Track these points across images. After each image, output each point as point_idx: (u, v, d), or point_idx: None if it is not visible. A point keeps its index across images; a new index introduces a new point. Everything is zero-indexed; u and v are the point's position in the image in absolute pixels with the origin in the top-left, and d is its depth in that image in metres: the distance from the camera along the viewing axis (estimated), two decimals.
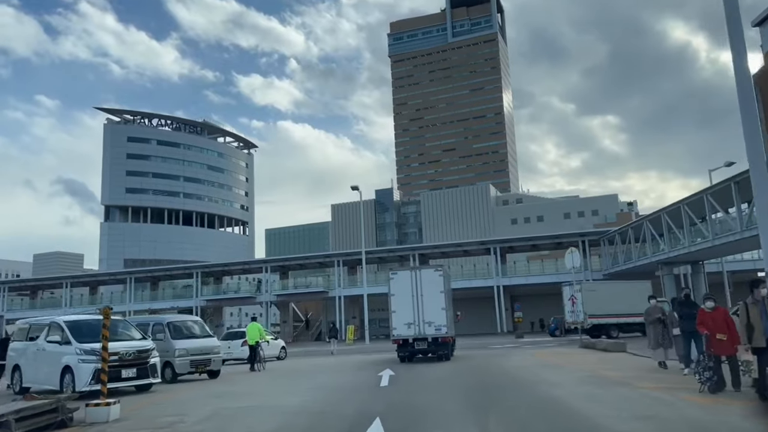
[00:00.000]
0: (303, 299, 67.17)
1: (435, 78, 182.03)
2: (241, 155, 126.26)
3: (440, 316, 19.64)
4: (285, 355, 29.46)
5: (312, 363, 24.27)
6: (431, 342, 19.72)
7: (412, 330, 19.65)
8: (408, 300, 19.55)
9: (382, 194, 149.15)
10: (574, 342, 31.45)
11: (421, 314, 19.58)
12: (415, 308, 19.55)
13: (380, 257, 63.97)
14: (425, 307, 19.49)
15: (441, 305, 19.56)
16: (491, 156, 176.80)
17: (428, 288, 19.52)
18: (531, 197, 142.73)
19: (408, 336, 19.78)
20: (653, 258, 45.09)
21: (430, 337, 19.62)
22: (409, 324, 19.63)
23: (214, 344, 18.06)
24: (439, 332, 19.59)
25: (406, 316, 19.60)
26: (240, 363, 25.68)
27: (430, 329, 19.51)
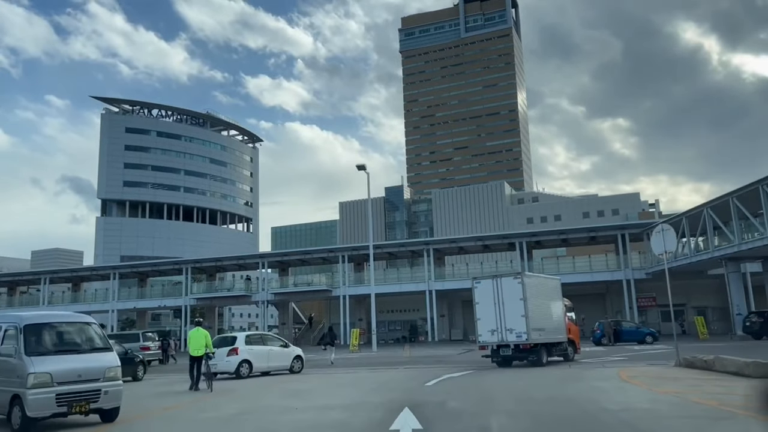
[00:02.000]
0: (304, 298, 59.63)
1: (447, 74, 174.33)
2: (246, 149, 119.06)
3: (520, 323, 19.10)
4: (301, 367, 21.48)
5: (290, 387, 16.61)
6: (514, 348, 19.38)
7: (495, 337, 19.59)
8: (490, 307, 19.60)
9: (392, 192, 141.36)
10: (642, 355, 23.81)
11: (503, 321, 19.38)
12: (497, 316, 19.47)
13: (389, 252, 56.31)
14: (506, 315, 19.32)
15: (521, 312, 19.09)
16: (504, 155, 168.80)
17: (508, 295, 19.35)
18: (547, 196, 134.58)
19: (492, 342, 19.80)
20: (718, 252, 37.11)
21: (512, 343, 19.31)
22: (492, 331, 19.62)
23: (107, 364, 10.35)
24: (520, 339, 19.16)
25: (489, 323, 19.61)
26: (228, 377, 19.52)
27: (511, 336, 19.26)
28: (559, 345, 21.04)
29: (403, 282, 53.60)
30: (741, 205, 34.26)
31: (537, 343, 19.36)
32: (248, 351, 19.81)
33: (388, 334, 57.79)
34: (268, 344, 20.93)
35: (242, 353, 19.57)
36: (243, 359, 19.47)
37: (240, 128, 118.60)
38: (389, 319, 58.60)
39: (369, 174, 39.77)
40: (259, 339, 21.12)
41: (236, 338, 20.41)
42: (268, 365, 20.38)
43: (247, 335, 20.80)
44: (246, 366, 19.55)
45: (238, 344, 19.81)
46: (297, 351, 21.84)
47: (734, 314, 36.72)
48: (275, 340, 22.06)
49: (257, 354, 20.04)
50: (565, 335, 21.31)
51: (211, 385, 15.76)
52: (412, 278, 54.00)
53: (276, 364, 20.74)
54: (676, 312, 54.67)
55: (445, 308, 55.34)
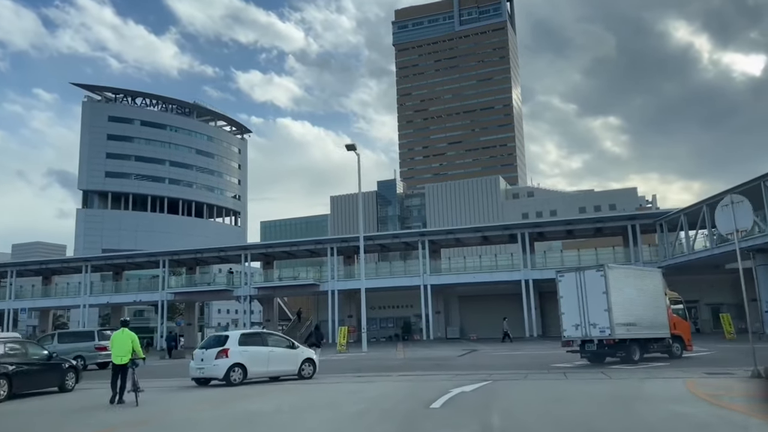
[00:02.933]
0: (290, 293, 55.42)
1: (441, 68, 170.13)
2: (234, 140, 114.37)
3: (603, 318, 18.23)
4: (312, 371, 17.80)
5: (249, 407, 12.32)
6: (598, 344, 18.59)
7: (579, 332, 18.85)
8: (574, 302, 18.94)
9: (385, 186, 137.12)
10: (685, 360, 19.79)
11: (587, 316, 18.64)
12: (581, 310, 18.76)
13: (381, 244, 52.07)
14: (590, 309, 18.57)
15: (603, 306, 18.26)
16: (499, 149, 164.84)
17: (591, 289, 18.62)
18: (542, 191, 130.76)
19: (576, 337, 19.08)
20: (745, 243, 33.11)
21: (595, 339, 18.54)
22: (576, 326, 18.91)
23: None
24: (603, 334, 18.30)
25: (573, 317, 18.97)
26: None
27: (595, 331, 18.47)
28: (660, 341, 19.82)
29: (396, 276, 49.46)
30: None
31: (626, 338, 18.37)
32: (242, 353, 16.26)
33: (379, 332, 53.61)
34: (269, 345, 17.32)
35: (234, 355, 16.06)
36: (235, 363, 15.98)
37: (228, 119, 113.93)
38: (381, 316, 54.42)
39: (359, 155, 35.54)
40: (257, 339, 17.61)
41: (228, 338, 16.91)
42: (268, 370, 16.89)
43: (242, 334, 17.34)
44: (238, 371, 16.04)
45: (230, 344, 16.32)
46: (307, 353, 18.14)
47: (763, 311, 32.75)
48: (279, 340, 18.29)
49: (254, 356, 16.45)
50: (668, 330, 20.04)
51: (137, 398, 12.26)
52: (405, 272, 49.87)
53: (279, 368, 17.14)
54: (688, 309, 50.86)
55: (440, 304, 51.23)
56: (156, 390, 15.93)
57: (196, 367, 16.46)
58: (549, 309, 49.98)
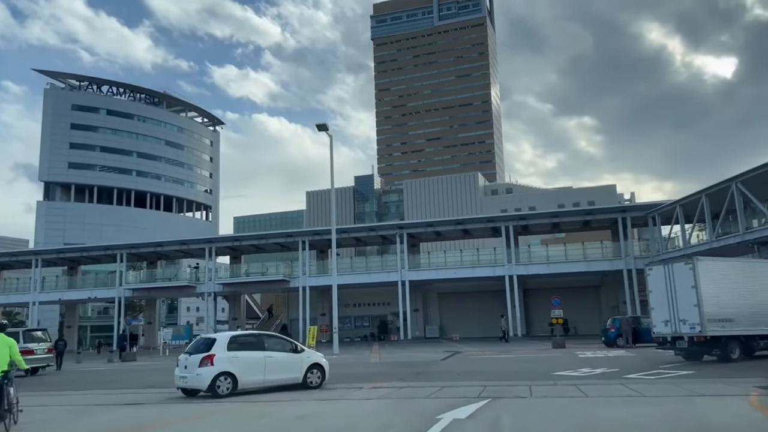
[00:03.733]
0: (258, 290, 51.66)
1: (420, 63, 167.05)
2: (206, 132, 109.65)
3: (693, 314, 17.06)
4: (320, 379, 14.87)
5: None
6: (689, 341, 17.35)
7: (669, 328, 17.90)
8: (663, 296, 17.99)
9: (362, 182, 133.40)
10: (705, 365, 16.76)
11: (676, 311, 17.54)
12: (670, 305, 17.75)
13: (357, 238, 48.51)
14: (679, 304, 17.51)
15: (693, 302, 16.98)
16: (477, 146, 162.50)
17: (680, 283, 17.48)
18: (521, 187, 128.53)
19: (666, 334, 18.12)
20: (750, 235, 30.29)
21: (686, 336, 17.39)
22: (666, 321, 18.00)
23: None
24: (694, 330, 17.09)
25: (663, 313, 17.97)
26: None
27: (685, 327, 17.34)
28: None
29: (372, 271, 45.99)
30: None
31: (721, 335, 17.18)
32: (231, 359, 13.66)
33: (354, 331, 50.13)
34: (266, 349, 14.51)
35: (221, 363, 13.48)
36: (222, 371, 13.44)
37: (199, 109, 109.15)
38: (356, 314, 50.95)
39: (332, 137, 31.93)
40: (251, 342, 14.77)
41: (215, 340, 14.09)
42: (264, 379, 14.15)
43: (232, 336, 14.69)
44: (227, 380, 13.48)
45: (216, 350, 13.67)
46: (314, 357, 15.22)
47: None
48: (279, 343, 15.17)
49: (246, 363, 13.84)
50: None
51: (12, 420, 9.27)
52: (382, 267, 46.45)
53: (278, 376, 14.37)
54: None
55: (419, 302, 47.93)
56: (67, 409, 12.27)
57: (179, 375, 13.90)
58: (533, 306, 47.06)
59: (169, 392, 14.76)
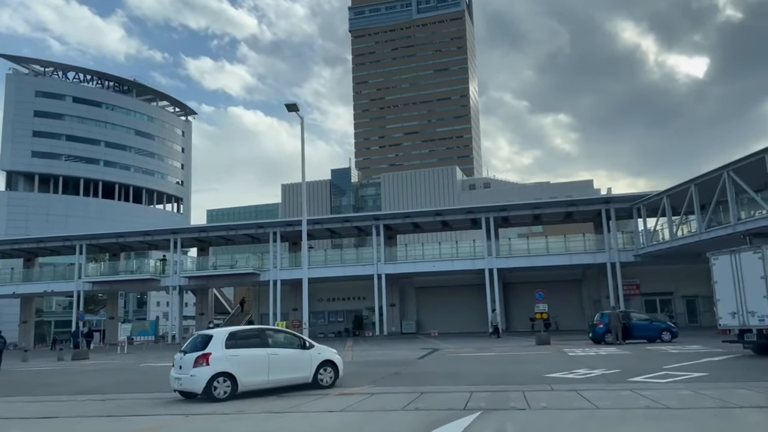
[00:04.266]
0: (227, 283, 49.08)
1: (398, 56, 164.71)
2: (177, 121, 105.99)
3: (763, 305, 15.87)
4: (332, 378, 13.61)
5: None
6: (758, 333, 16.35)
7: (737, 320, 16.93)
8: (729, 287, 16.96)
9: (339, 175, 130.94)
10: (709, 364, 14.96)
11: (744, 303, 16.61)
12: (737, 296, 16.79)
13: (331, 230, 46.17)
14: (747, 295, 16.50)
15: (763, 293, 15.94)
16: (455, 141, 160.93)
17: (748, 273, 16.48)
18: (499, 182, 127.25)
19: (733, 326, 17.19)
20: (742, 226, 28.71)
21: (754, 328, 16.41)
22: (732, 314, 17.03)
23: None
24: (763, 323, 16.11)
25: (729, 304, 17.06)
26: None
27: (753, 319, 16.36)
28: None
29: (347, 264, 43.74)
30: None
31: None
32: (230, 358, 12.22)
33: (328, 327, 47.86)
34: (269, 345, 13.06)
35: (217, 362, 12.05)
36: (218, 372, 11.99)
37: (171, 98, 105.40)
38: (330, 309, 48.67)
39: (303, 118, 29.50)
40: (253, 338, 13.17)
41: (211, 337, 12.63)
42: (268, 379, 12.64)
43: (230, 332, 12.98)
44: (224, 382, 12.01)
45: (212, 348, 12.27)
46: (326, 353, 13.82)
47: None
48: (286, 339, 13.70)
49: (247, 362, 12.39)
50: None
51: None
52: (358, 260, 44.23)
53: (285, 375, 12.90)
54: (663, 301, 46.96)
55: (396, 296, 45.85)
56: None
57: (174, 376, 12.50)
58: (513, 301, 45.32)
59: (100, 399, 12.39)
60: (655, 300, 43.22)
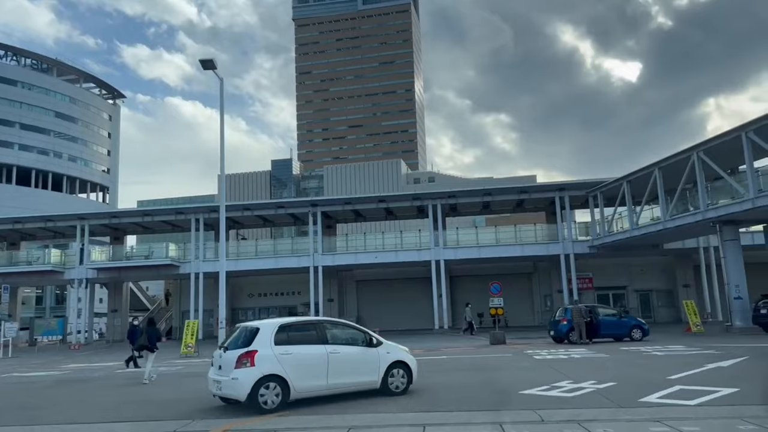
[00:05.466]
0: (142, 276, 43.50)
1: (342, 47, 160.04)
2: (104, 105, 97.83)
3: None
4: (404, 383, 10.69)
5: None
6: None
7: None
8: None
9: (280, 166, 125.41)
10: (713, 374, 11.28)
11: None
12: None
13: (263, 217, 41.31)
14: None
15: None
16: (400, 135, 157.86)
17: None
18: (444, 176, 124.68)
19: None
20: (713, 213, 25.84)
21: None
22: None
23: None
24: None
25: None
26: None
27: None
28: None
29: (280, 255, 39.07)
30: None
31: None
32: (280, 357, 9.52)
33: None
34: (329, 341, 10.25)
35: (264, 362, 9.35)
36: (266, 374, 9.26)
37: (97, 80, 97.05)
38: (261, 305, 43.87)
39: (223, 80, 24.73)
40: (308, 332, 10.35)
41: (257, 331, 9.81)
42: (327, 384, 9.88)
43: (282, 324, 10.13)
44: (274, 389, 9.29)
45: (258, 344, 9.51)
46: (396, 353, 10.90)
47: (732, 297, 25.69)
48: (348, 334, 10.87)
49: (302, 362, 9.68)
50: None
51: None
52: (293, 251, 39.64)
53: (348, 379, 10.15)
54: (616, 296, 44.44)
55: (334, 291, 41.57)
56: None
57: (213, 378, 9.91)
58: (460, 296, 41.81)
59: None
60: (608, 294, 40.57)
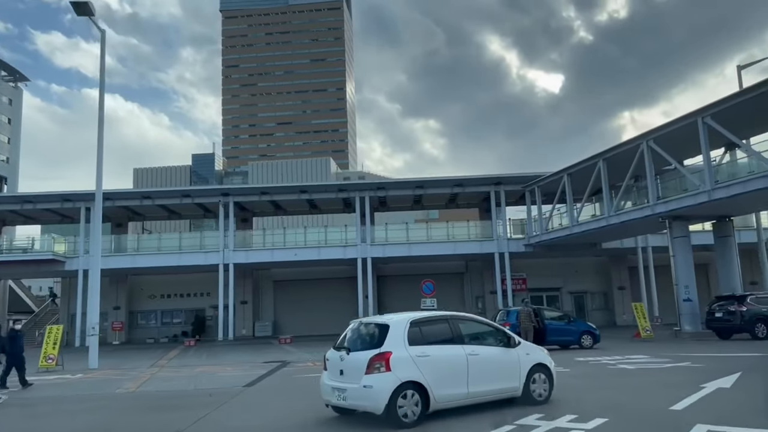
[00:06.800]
0: (20, 272, 37.36)
1: (272, 42, 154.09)
2: (3, 87, 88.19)
3: None
4: (547, 391, 8.41)
5: None
6: None
7: None
8: None
9: (201, 161, 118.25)
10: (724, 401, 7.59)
11: None
12: None
13: (166, 207, 36.14)
14: None
15: None
16: (331, 134, 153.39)
17: None
18: (374, 176, 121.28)
19: None
20: (663, 207, 23.42)
21: None
22: None
23: None
24: None
25: None
26: None
27: None
28: None
29: (186, 251, 34.13)
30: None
31: None
32: (417, 360, 7.29)
33: (161, 330, 37.82)
34: (464, 340, 7.93)
35: (400, 366, 7.14)
36: (404, 381, 7.05)
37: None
38: (165, 308, 38.64)
39: (104, 31, 19.95)
40: (441, 328, 7.96)
41: (387, 328, 7.47)
42: (468, 391, 7.64)
43: (412, 320, 7.74)
44: (412, 398, 7.09)
45: (390, 344, 7.30)
46: (536, 354, 8.67)
47: (680, 299, 23.40)
48: (483, 331, 8.46)
49: (440, 365, 7.44)
50: None
51: None
52: (201, 246, 34.82)
53: (488, 386, 7.92)
54: (550, 298, 42.17)
55: (248, 292, 36.99)
56: None
57: (330, 385, 7.60)
58: (388, 297, 38.31)
59: None
60: (542, 296, 38.08)
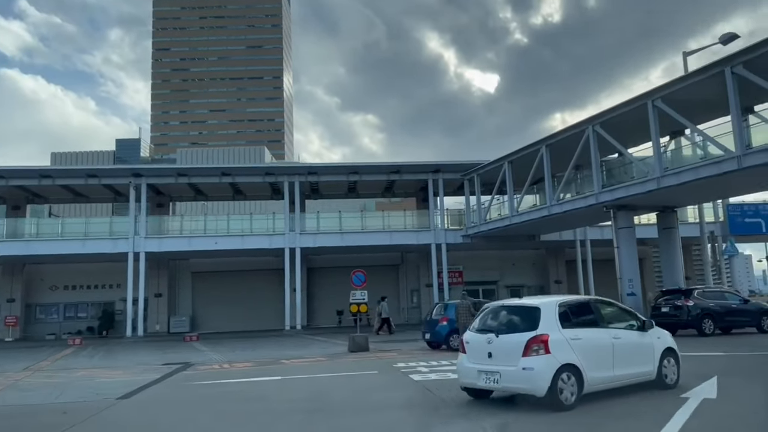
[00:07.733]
0: None
1: (206, 26, 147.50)
2: None
3: None
4: (676, 375, 8.50)
5: None
6: None
7: None
8: None
9: (126, 146, 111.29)
10: None
11: None
12: None
13: (70, 188, 32.07)
14: None
15: None
16: (266, 124, 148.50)
17: None
18: None
19: None
20: (609, 195, 21.99)
21: None
22: None
23: None
24: None
25: None
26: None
27: None
28: None
29: (93, 237, 30.34)
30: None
31: None
32: (571, 343, 7.22)
33: (64, 325, 33.76)
34: (605, 324, 7.93)
35: (558, 349, 7.08)
36: (563, 364, 7.00)
37: None
38: (69, 301, 34.55)
39: None
40: (586, 312, 7.92)
41: (538, 311, 7.41)
42: (613, 374, 7.60)
43: (561, 302, 7.71)
44: (570, 380, 7.07)
45: (545, 326, 7.21)
46: (665, 338, 8.49)
47: (624, 293, 22.10)
48: (618, 314, 8.40)
49: (590, 348, 7.37)
50: None
51: None
52: (111, 233, 31.09)
53: (628, 370, 7.79)
54: (486, 291, 40.68)
55: (163, 284, 33.55)
56: None
57: (476, 368, 7.49)
58: (318, 291, 35.82)
59: None
60: (478, 290, 36.48)
